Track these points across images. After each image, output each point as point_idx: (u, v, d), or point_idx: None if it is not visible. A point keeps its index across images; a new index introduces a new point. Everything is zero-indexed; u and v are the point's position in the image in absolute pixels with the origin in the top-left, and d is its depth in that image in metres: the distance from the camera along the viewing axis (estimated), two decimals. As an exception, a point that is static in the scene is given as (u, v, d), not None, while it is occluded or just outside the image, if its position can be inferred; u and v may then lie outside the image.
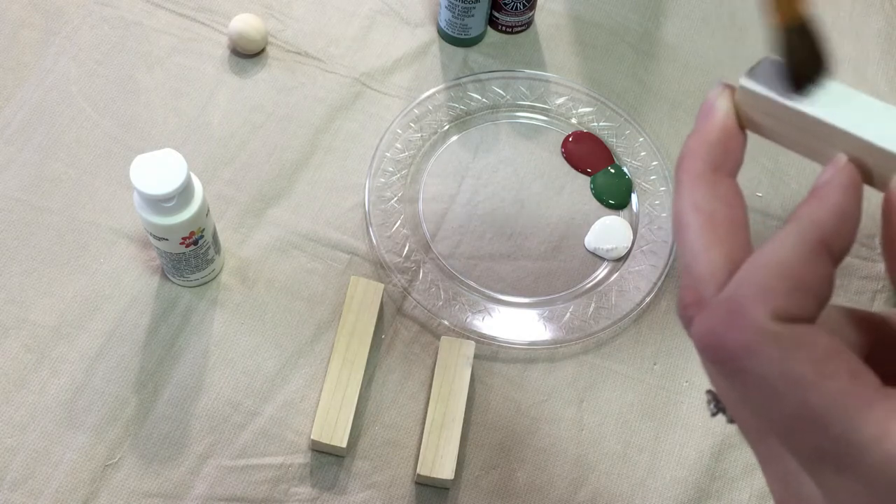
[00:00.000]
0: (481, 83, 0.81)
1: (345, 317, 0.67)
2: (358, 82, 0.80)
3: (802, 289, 0.26)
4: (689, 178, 0.29)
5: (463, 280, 0.72)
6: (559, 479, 0.65)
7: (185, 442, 0.65)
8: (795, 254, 0.26)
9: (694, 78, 0.83)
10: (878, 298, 0.74)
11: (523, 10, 0.82)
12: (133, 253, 0.71)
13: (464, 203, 0.76)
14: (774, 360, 0.25)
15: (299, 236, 0.73)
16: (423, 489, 0.64)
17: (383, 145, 0.76)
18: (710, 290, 0.27)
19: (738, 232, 0.28)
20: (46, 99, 0.77)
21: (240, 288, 0.70)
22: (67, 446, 0.64)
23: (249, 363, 0.68)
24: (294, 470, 0.64)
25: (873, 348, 0.29)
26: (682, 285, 0.28)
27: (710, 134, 0.30)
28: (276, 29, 0.82)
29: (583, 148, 0.78)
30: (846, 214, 0.27)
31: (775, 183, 0.78)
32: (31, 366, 0.66)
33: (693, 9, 0.88)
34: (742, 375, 0.26)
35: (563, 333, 0.70)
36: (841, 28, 0.87)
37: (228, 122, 0.77)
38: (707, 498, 0.66)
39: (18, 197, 0.72)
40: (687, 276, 0.28)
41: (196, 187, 0.62)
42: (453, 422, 0.64)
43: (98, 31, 0.81)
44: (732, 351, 0.26)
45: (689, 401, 0.69)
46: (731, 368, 0.26)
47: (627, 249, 0.74)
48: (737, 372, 0.26)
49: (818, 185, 0.28)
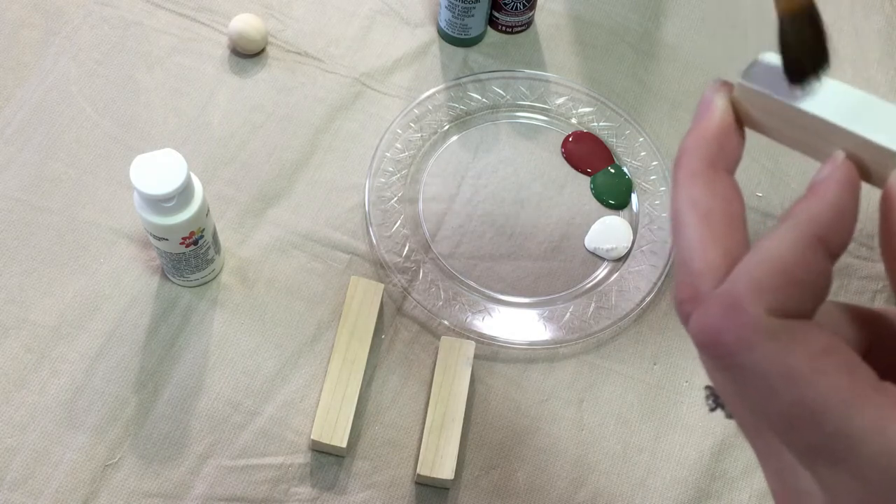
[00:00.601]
0: (481, 83, 0.81)
1: (345, 317, 0.67)
2: (358, 82, 0.80)
3: (799, 284, 0.26)
4: (687, 175, 0.29)
5: (463, 280, 0.72)
6: (559, 479, 0.65)
7: (185, 442, 0.65)
8: (792, 250, 0.26)
9: (694, 78, 0.83)
10: (878, 298, 0.74)
11: (523, 10, 0.82)
12: (133, 253, 0.71)
13: (464, 203, 0.75)
14: (771, 355, 0.26)
15: (299, 236, 0.73)
16: (423, 489, 0.64)
17: (383, 145, 0.76)
18: (707, 285, 0.27)
19: (736, 228, 0.28)
20: (46, 99, 0.77)
21: (240, 288, 0.70)
22: (67, 446, 0.64)
23: (249, 363, 0.68)
24: (294, 470, 0.64)
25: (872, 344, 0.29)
26: (679, 281, 0.28)
27: (708, 131, 0.30)
28: (276, 29, 0.82)
29: (583, 148, 0.78)
30: (843, 211, 0.27)
31: (775, 183, 0.78)
32: (31, 366, 0.66)
33: (693, 9, 0.88)
34: (739, 370, 0.26)
35: (563, 333, 0.70)
36: (841, 28, 0.87)
37: (228, 122, 0.77)
38: (707, 498, 0.66)
39: (18, 197, 0.72)
40: (684, 272, 0.28)
41: (196, 187, 0.62)
42: (453, 422, 0.64)
43: (98, 31, 0.81)
44: (729, 346, 0.26)
45: (689, 401, 0.69)
46: (728, 363, 0.26)
47: (627, 249, 0.74)
48: (734, 367, 0.26)
49: (815, 181, 0.28)
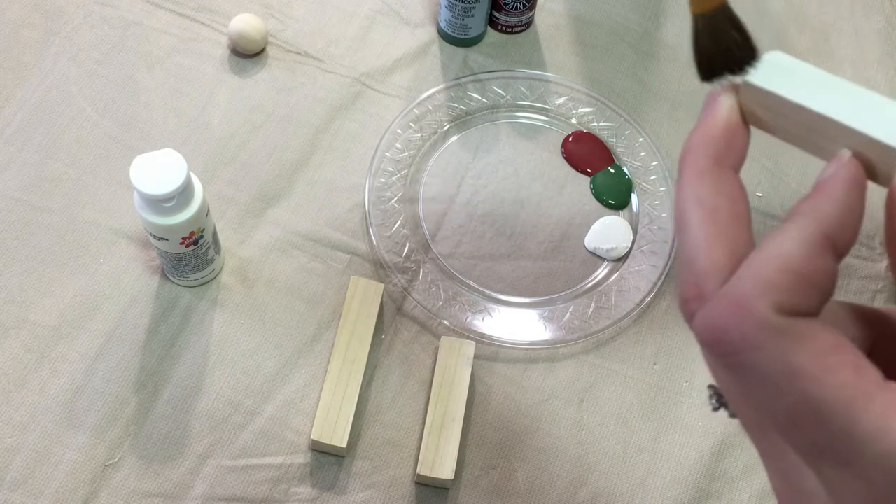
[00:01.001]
0: (481, 83, 0.80)
1: (345, 317, 0.67)
2: (358, 82, 0.80)
3: (805, 283, 0.26)
4: (692, 173, 0.29)
5: (463, 280, 0.72)
6: (559, 479, 0.65)
7: (185, 442, 0.64)
8: (798, 248, 0.26)
9: (694, 78, 0.83)
10: (878, 298, 0.74)
11: (523, 10, 0.82)
12: (133, 253, 0.71)
13: (464, 203, 0.75)
14: (776, 353, 0.25)
15: (299, 236, 0.73)
16: (423, 489, 0.64)
17: (383, 145, 0.76)
18: (712, 284, 0.27)
19: (741, 227, 0.28)
20: (46, 99, 0.77)
21: (240, 288, 0.70)
22: (67, 446, 0.64)
23: (249, 363, 0.67)
24: (294, 470, 0.64)
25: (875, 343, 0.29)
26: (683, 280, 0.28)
27: (714, 129, 0.30)
28: (276, 29, 0.82)
29: (583, 148, 0.78)
30: (849, 209, 0.27)
31: (775, 183, 0.78)
32: (31, 366, 0.66)
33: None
34: (744, 369, 0.26)
35: (563, 333, 0.70)
36: (841, 28, 0.87)
37: (228, 122, 0.77)
38: (707, 498, 0.66)
39: (18, 197, 0.72)
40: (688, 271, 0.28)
41: (196, 187, 0.62)
42: (453, 422, 0.64)
43: (98, 31, 0.81)
44: (734, 344, 0.26)
45: (689, 401, 0.69)
46: (733, 362, 0.26)
47: (627, 249, 0.74)
48: (739, 365, 0.26)
49: (821, 179, 0.28)
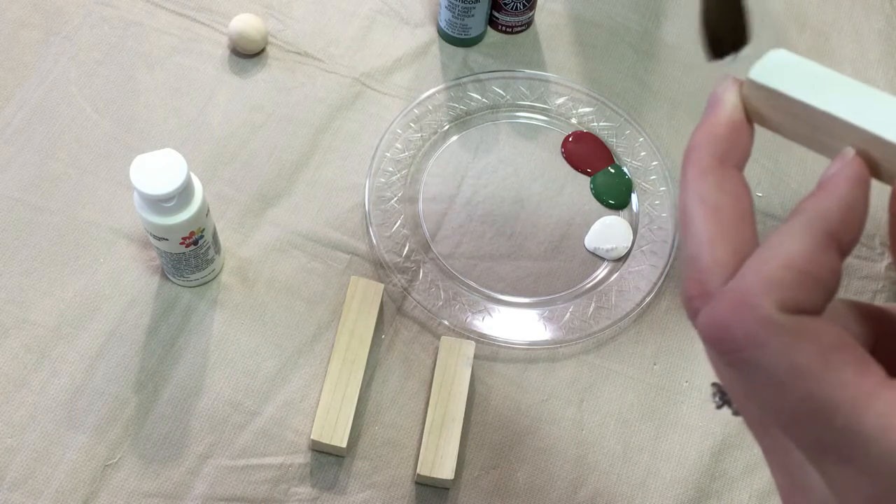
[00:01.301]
0: (481, 83, 0.81)
1: (345, 317, 0.67)
2: (358, 82, 0.80)
3: (809, 280, 0.26)
4: (696, 171, 0.29)
5: (463, 280, 0.72)
6: (559, 479, 0.65)
7: (185, 442, 0.64)
8: (803, 245, 0.26)
9: (694, 78, 0.83)
10: (878, 298, 0.74)
11: (523, 10, 0.82)
12: (133, 253, 0.71)
13: (464, 203, 0.75)
14: (780, 350, 0.25)
15: (299, 236, 0.73)
16: (423, 489, 0.64)
17: (383, 145, 0.76)
18: (716, 281, 0.27)
19: (745, 225, 0.28)
20: (46, 99, 0.77)
21: (240, 288, 0.70)
22: (67, 446, 0.64)
23: (249, 363, 0.67)
24: (294, 470, 0.64)
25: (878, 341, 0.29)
26: (687, 277, 0.28)
27: (718, 127, 0.30)
28: (276, 29, 0.82)
29: (583, 148, 0.78)
30: (853, 207, 0.27)
31: (775, 183, 0.78)
32: (31, 366, 0.66)
33: (693, 9, 0.87)
34: (748, 366, 0.26)
35: (563, 333, 0.70)
36: (841, 28, 0.87)
37: (228, 122, 0.77)
38: (707, 498, 0.66)
39: (18, 197, 0.72)
40: (692, 269, 0.28)
41: (196, 187, 0.62)
42: (453, 422, 0.64)
43: (98, 31, 0.81)
44: (738, 341, 0.26)
45: (689, 401, 0.69)
46: (736, 359, 0.26)
47: (627, 249, 0.74)
48: (742, 363, 0.26)
49: (825, 177, 0.28)
